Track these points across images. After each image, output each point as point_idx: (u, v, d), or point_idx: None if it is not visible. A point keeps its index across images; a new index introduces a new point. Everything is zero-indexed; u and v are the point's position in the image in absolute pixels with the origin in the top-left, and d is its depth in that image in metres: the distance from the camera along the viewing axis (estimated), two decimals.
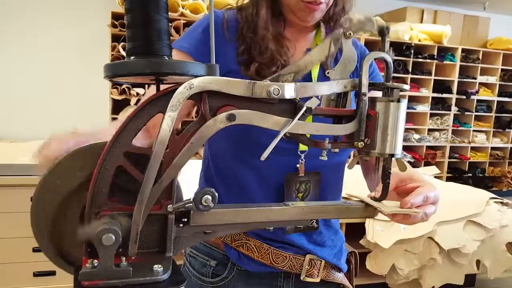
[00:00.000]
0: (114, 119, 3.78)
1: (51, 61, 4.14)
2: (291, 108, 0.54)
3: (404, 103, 0.57)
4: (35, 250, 1.93)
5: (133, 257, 0.47)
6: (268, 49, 0.80)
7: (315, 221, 0.86)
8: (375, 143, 0.56)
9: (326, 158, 0.56)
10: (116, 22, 3.58)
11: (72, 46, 4.19)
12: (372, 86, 0.58)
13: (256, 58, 0.81)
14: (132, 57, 0.47)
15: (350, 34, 0.56)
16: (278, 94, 0.51)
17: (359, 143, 0.56)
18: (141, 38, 0.47)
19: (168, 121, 0.45)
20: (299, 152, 0.82)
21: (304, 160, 0.82)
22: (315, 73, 0.85)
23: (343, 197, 1.00)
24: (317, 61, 0.57)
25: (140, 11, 0.46)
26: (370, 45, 4.31)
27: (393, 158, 0.58)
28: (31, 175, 1.97)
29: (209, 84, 0.47)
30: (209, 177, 0.91)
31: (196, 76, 0.47)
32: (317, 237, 0.89)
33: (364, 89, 0.56)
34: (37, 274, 2.03)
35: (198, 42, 0.81)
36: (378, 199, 0.63)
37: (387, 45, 0.57)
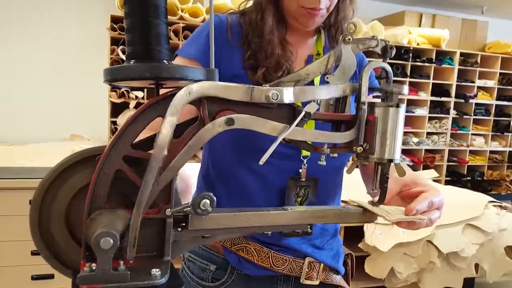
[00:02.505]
0: (113, 122, 3.78)
1: (50, 64, 4.14)
2: (290, 112, 0.54)
3: (403, 108, 0.57)
4: (33, 253, 1.93)
5: (131, 261, 0.47)
6: (274, 54, 0.81)
7: (309, 226, 0.86)
8: (374, 148, 0.56)
9: (324, 163, 0.56)
10: (115, 26, 3.59)
11: (71, 49, 4.19)
12: (372, 90, 0.58)
13: (262, 63, 0.81)
14: (131, 61, 0.47)
15: (350, 39, 0.56)
16: (277, 99, 0.51)
17: (357, 148, 0.56)
18: (140, 42, 0.47)
19: (167, 126, 0.45)
20: (301, 157, 0.83)
21: (306, 165, 0.83)
22: (317, 79, 0.85)
23: (343, 201, 1.00)
24: (318, 73, 0.57)
25: (139, 15, 0.46)
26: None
27: (392, 163, 0.58)
28: (29, 178, 1.97)
29: (208, 89, 0.48)
30: (209, 180, 0.91)
31: (195, 81, 0.47)
32: (315, 240, 0.90)
33: (364, 98, 0.56)
34: (36, 278, 2.02)
35: (205, 47, 0.81)
36: (376, 204, 0.63)
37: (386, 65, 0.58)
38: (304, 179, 0.83)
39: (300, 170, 0.83)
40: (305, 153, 0.83)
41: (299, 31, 0.87)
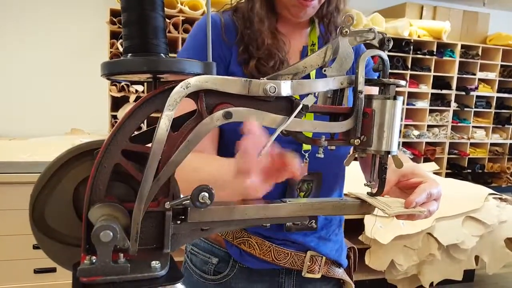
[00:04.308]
0: (113, 116, 3.79)
1: (50, 58, 4.14)
2: (287, 105, 0.54)
3: (400, 100, 0.57)
4: (35, 247, 1.94)
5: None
6: (264, 43, 0.81)
7: (314, 221, 0.87)
8: (371, 140, 0.56)
9: (322, 155, 0.56)
10: (114, 19, 3.58)
11: (72, 43, 4.18)
12: (368, 82, 0.58)
13: (254, 54, 0.81)
14: (129, 55, 0.47)
15: (347, 32, 0.56)
16: (274, 92, 0.51)
17: (355, 141, 0.56)
18: (137, 36, 0.47)
19: (165, 121, 0.45)
20: (303, 152, 0.83)
21: (308, 159, 0.83)
22: (312, 72, 0.86)
23: (344, 194, 1.00)
24: (316, 66, 0.57)
25: (135, 9, 0.46)
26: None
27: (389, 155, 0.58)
28: (30, 173, 1.98)
29: (205, 83, 0.48)
30: None
31: (193, 74, 0.47)
32: (321, 231, 0.90)
33: (361, 86, 0.56)
34: (38, 271, 2.04)
35: (203, 47, 0.82)
36: (374, 194, 0.63)
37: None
38: (306, 173, 0.84)
39: (302, 165, 0.83)
40: (306, 147, 0.83)
41: (291, 22, 0.87)
